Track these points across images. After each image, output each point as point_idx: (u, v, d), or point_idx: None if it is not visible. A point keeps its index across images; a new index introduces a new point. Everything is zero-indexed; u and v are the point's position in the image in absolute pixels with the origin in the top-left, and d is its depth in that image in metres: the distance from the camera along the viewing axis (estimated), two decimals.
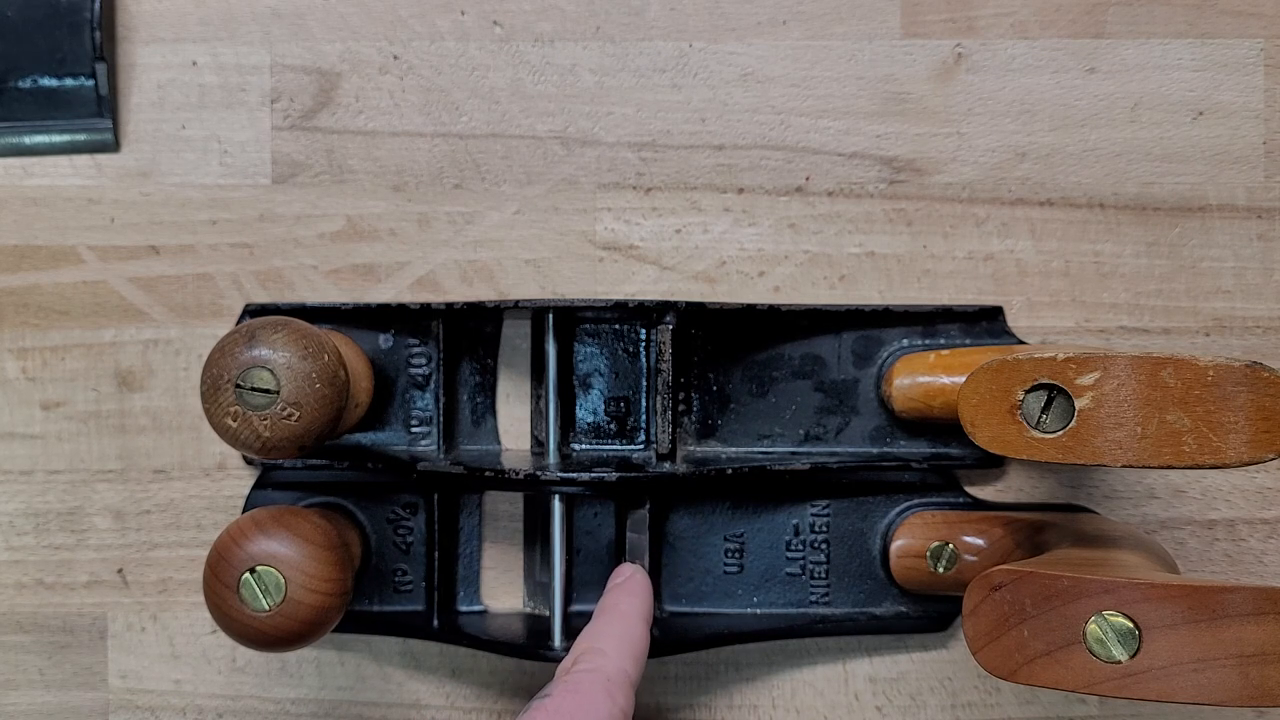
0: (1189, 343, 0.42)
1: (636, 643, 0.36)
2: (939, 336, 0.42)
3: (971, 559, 0.39)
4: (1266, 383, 0.28)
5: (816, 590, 0.42)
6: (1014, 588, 0.29)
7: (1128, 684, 0.27)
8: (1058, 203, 0.42)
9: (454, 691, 0.43)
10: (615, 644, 0.36)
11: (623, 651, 0.35)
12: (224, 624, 0.35)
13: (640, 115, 0.43)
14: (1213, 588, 0.27)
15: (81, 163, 0.44)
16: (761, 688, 0.43)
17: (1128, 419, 0.29)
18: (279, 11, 0.43)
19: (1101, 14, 0.42)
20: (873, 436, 0.42)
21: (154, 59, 0.43)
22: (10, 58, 0.43)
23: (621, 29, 0.43)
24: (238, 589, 0.34)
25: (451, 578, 0.43)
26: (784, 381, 0.42)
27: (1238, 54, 0.42)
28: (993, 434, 0.30)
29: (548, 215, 0.43)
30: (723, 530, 0.42)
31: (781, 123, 0.43)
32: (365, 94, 0.43)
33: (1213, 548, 0.42)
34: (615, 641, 0.36)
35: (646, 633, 0.37)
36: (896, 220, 0.42)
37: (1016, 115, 0.42)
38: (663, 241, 0.43)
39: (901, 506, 0.42)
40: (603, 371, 0.42)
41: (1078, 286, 0.42)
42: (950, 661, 0.42)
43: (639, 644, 0.36)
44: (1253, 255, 0.42)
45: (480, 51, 0.43)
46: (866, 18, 0.42)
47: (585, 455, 0.41)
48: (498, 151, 0.43)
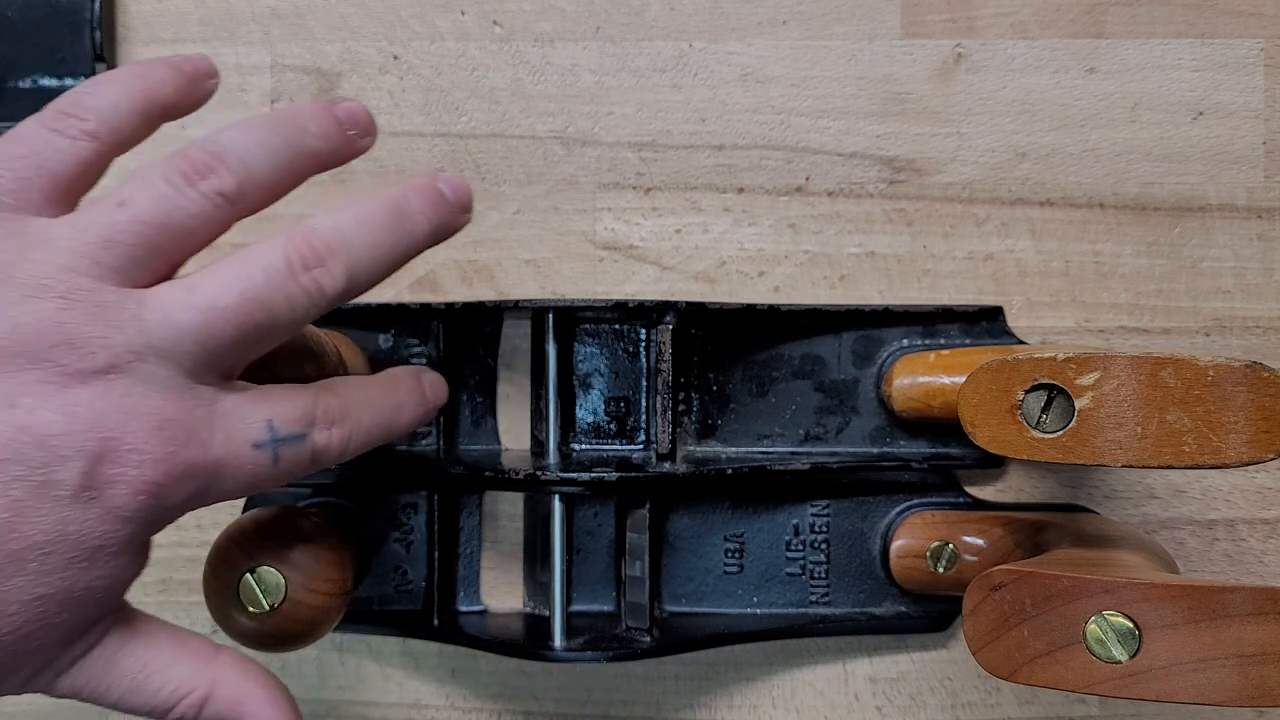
0: (1189, 343, 0.42)
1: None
2: (939, 336, 0.42)
3: (971, 559, 0.39)
4: (1266, 383, 0.28)
5: (816, 590, 0.42)
6: (1014, 588, 0.29)
7: (1128, 684, 0.27)
8: (1058, 203, 0.42)
9: (454, 691, 0.43)
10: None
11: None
12: (224, 624, 0.35)
13: (640, 115, 0.43)
14: (1213, 588, 0.27)
15: None
16: (761, 688, 0.43)
17: (1128, 419, 0.29)
18: (279, 11, 0.43)
19: (1101, 14, 0.42)
20: (873, 436, 0.42)
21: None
22: (10, 58, 0.43)
23: (621, 29, 0.43)
24: (237, 589, 0.34)
25: (451, 578, 0.43)
26: (784, 381, 0.42)
27: (1238, 54, 0.42)
28: (993, 434, 0.30)
29: (548, 215, 0.43)
30: (723, 530, 0.42)
31: (781, 123, 0.43)
32: (365, 94, 0.43)
33: (1213, 548, 0.42)
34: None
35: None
36: (896, 220, 0.42)
37: (1016, 115, 0.42)
38: (663, 241, 0.43)
39: (901, 506, 0.42)
40: (603, 371, 0.42)
41: (1078, 286, 0.42)
42: (950, 661, 0.43)
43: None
44: (1253, 255, 0.42)
45: (480, 51, 0.43)
46: (866, 18, 0.42)
47: (585, 455, 0.41)
48: (498, 151, 0.43)
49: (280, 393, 0.33)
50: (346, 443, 0.34)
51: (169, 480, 0.30)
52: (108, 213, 0.31)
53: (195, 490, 0.31)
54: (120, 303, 0.30)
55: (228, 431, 0.31)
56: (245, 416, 0.32)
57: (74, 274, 0.30)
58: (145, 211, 0.31)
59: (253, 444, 0.32)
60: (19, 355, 0.29)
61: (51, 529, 0.28)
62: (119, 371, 0.30)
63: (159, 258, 0.31)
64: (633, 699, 0.43)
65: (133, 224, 0.31)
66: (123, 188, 0.31)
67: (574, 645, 0.39)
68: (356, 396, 0.35)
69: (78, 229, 0.31)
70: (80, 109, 0.32)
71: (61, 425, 0.29)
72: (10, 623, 0.28)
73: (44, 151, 0.31)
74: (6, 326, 0.29)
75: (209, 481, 0.31)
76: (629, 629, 0.40)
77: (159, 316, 0.30)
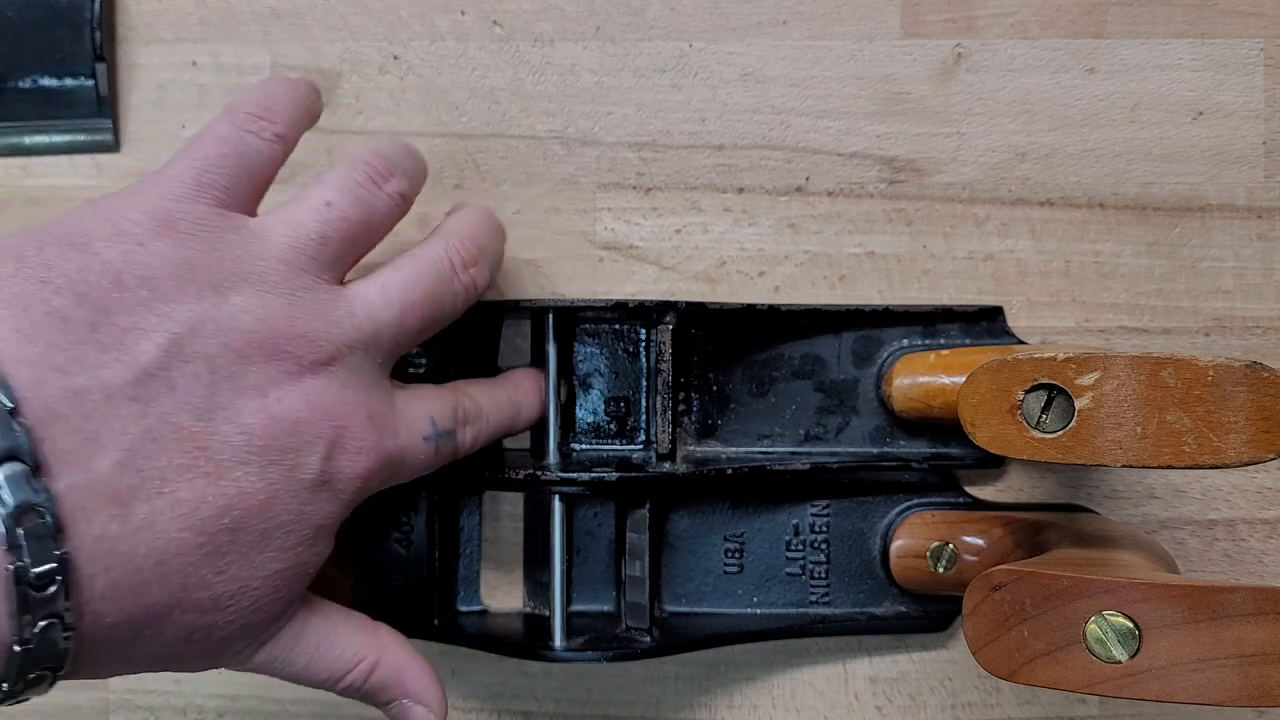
0: (1189, 343, 0.42)
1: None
2: (939, 336, 0.42)
3: (971, 559, 0.39)
4: (1266, 383, 0.28)
5: (816, 590, 0.42)
6: (1014, 588, 0.29)
7: (1128, 684, 0.27)
8: (1058, 203, 0.42)
9: (454, 691, 0.43)
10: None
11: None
12: None
13: (640, 115, 0.43)
14: (1213, 588, 0.27)
15: (81, 163, 0.44)
16: (761, 688, 0.43)
17: (1128, 419, 0.29)
18: (279, 11, 0.43)
19: (1101, 14, 0.42)
20: (873, 436, 0.42)
21: (154, 59, 0.43)
22: (10, 58, 0.43)
23: (621, 29, 0.43)
24: None
25: (451, 578, 0.43)
26: (784, 381, 0.42)
27: (1238, 54, 0.42)
28: (993, 434, 0.30)
29: (548, 215, 0.43)
30: (723, 530, 0.42)
31: (781, 123, 0.43)
32: (365, 94, 0.43)
33: (1213, 548, 0.42)
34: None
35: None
36: (896, 220, 0.42)
37: (1016, 115, 0.42)
38: (663, 241, 0.43)
39: (901, 506, 0.42)
40: (603, 371, 0.42)
41: (1078, 286, 0.42)
42: (950, 661, 0.43)
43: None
44: (1253, 255, 0.42)
45: (480, 51, 0.43)
46: (866, 18, 0.42)
47: (585, 455, 0.41)
48: (498, 151, 0.43)
49: (432, 392, 0.36)
50: (477, 440, 0.38)
51: (377, 468, 0.33)
52: (318, 211, 0.33)
53: (387, 477, 0.34)
54: (334, 298, 0.33)
55: (407, 424, 0.35)
56: (415, 412, 0.35)
57: (296, 270, 0.32)
58: (350, 211, 0.34)
59: (423, 437, 0.35)
60: (261, 348, 0.31)
61: (295, 510, 0.31)
62: (338, 364, 0.32)
63: (354, 254, 0.35)
64: (633, 699, 0.43)
65: (340, 221, 0.34)
66: (316, 190, 0.34)
67: (574, 645, 0.39)
68: (486, 398, 0.38)
69: (292, 226, 0.33)
70: (270, 113, 0.34)
71: (306, 414, 0.31)
72: (252, 596, 0.31)
73: (246, 152, 0.33)
74: (249, 321, 0.31)
75: (395, 470, 0.34)
76: (629, 629, 0.40)
77: (364, 311, 0.33)
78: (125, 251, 0.30)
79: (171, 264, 0.30)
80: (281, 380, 0.31)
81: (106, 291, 0.29)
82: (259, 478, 0.30)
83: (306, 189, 0.34)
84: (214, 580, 0.29)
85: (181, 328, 0.30)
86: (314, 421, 0.31)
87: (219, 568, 0.29)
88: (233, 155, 0.33)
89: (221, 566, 0.30)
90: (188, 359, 0.29)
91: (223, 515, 0.29)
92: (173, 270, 0.30)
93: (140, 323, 0.29)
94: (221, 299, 0.31)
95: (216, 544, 0.29)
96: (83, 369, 0.28)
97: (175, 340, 0.29)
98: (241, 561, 0.30)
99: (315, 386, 0.32)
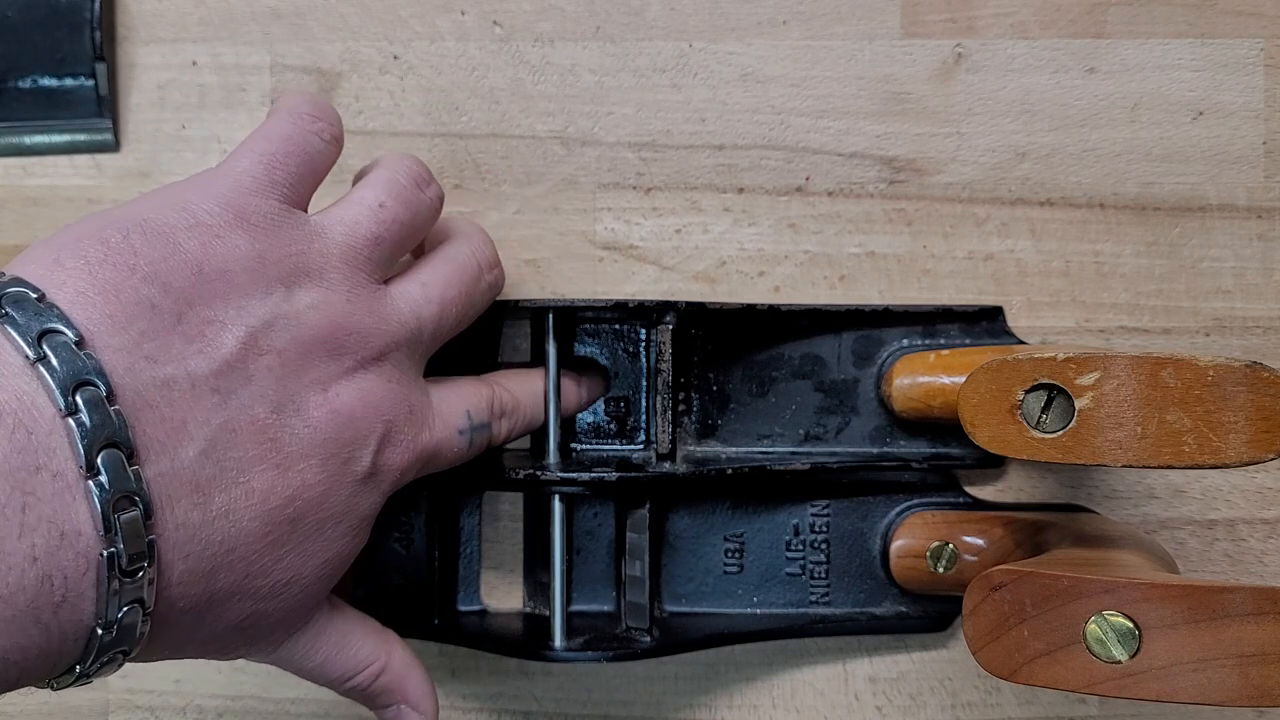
0: (1189, 343, 0.42)
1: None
2: (939, 336, 0.42)
3: (971, 559, 0.39)
4: (1266, 383, 0.28)
5: (816, 590, 0.42)
6: (1014, 588, 0.29)
7: (1128, 684, 0.27)
8: (1058, 203, 0.42)
9: (454, 691, 0.43)
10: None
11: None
12: None
13: (640, 115, 0.43)
14: (1213, 588, 0.27)
15: (81, 163, 0.44)
16: (761, 688, 0.43)
17: (1128, 419, 0.29)
18: (279, 11, 0.43)
19: (1101, 14, 0.42)
20: (873, 436, 0.42)
21: (154, 59, 0.43)
22: (10, 58, 0.43)
23: (621, 29, 0.43)
24: None
25: (451, 578, 0.43)
26: (784, 381, 0.42)
27: (1238, 54, 0.42)
28: (993, 434, 0.30)
29: (548, 215, 0.43)
30: (723, 530, 0.42)
31: (781, 123, 0.43)
32: (365, 94, 0.43)
33: (1213, 548, 0.42)
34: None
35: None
36: (896, 220, 0.42)
37: (1016, 115, 0.42)
38: (663, 241, 0.43)
39: (901, 506, 0.42)
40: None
41: (1078, 286, 0.42)
42: (950, 661, 0.43)
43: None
44: (1253, 255, 0.42)
45: (480, 51, 0.43)
46: (866, 18, 0.42)
47: (585, 455, 0.41)
48: (498, 151, 0.43)
49: (469, 385, 0.37)
50: (512, 432, 0.39)
51: (416, 461, 0.34)
52: (374, 212, 0.34)
53: (422, 469, 0.35)
54: (383, 295, 0.34)
55: (443, 418, 0.35)
56: (451, 405, 0.36)
57: (353, 268, 0.33)
58: (401, 213, 0.35)
59: (458, 430, 0.36)
60: (324, 343, 0.32)
61: (346, 502, 0.32)
62: (386, 360, 0.33)
63: (400, 255, 0.36)
64: (633, 699, 0.43)
65: (394, 224, 0.35)
66: (368, 192, 0.35)
67: (574, 645, 0.39)
68: (521, 390, 0.39)
69: (348, 225, 0.34)
70: (328, 116, 0.35)
71: (361, 409, 0.32)
72: (300, 585, 0.31)
73: (309, 150, 0.34)
74: (314, 317, 0.32)
75: (430, 461, 0.35)
76: (629, 629, 0.40)
77: (408, 309, 0.34)
78: (204, 243, 0.30)
79: (246, 257, 0.31)
80: (340, 376, 0.32)
81: (190, 282, 0.29)
82: (320, 470, 0.31)
83: (355, 190, 0.35)
84: (273, 568, 0.30)
85: (257, 321, 0.30)
86: (368, 417, 0.32)
87: (279, 556, 0.30)
88: (298, 154, 0.34)
89: (281, 555, 0.30)
90: (262, 352, 0.30)
91: (287, 506, 0.30)
92: (246, 263, 0.31)
93: (220, 315, 0.30)
94: (290, 293, 0.31)
95: (280, 534, 0.30)
96: (170, 358, 0.28)
97: (252, 333, 0.30)
98: (298, 550, 0.31)
99: (367, 382, 0.32)
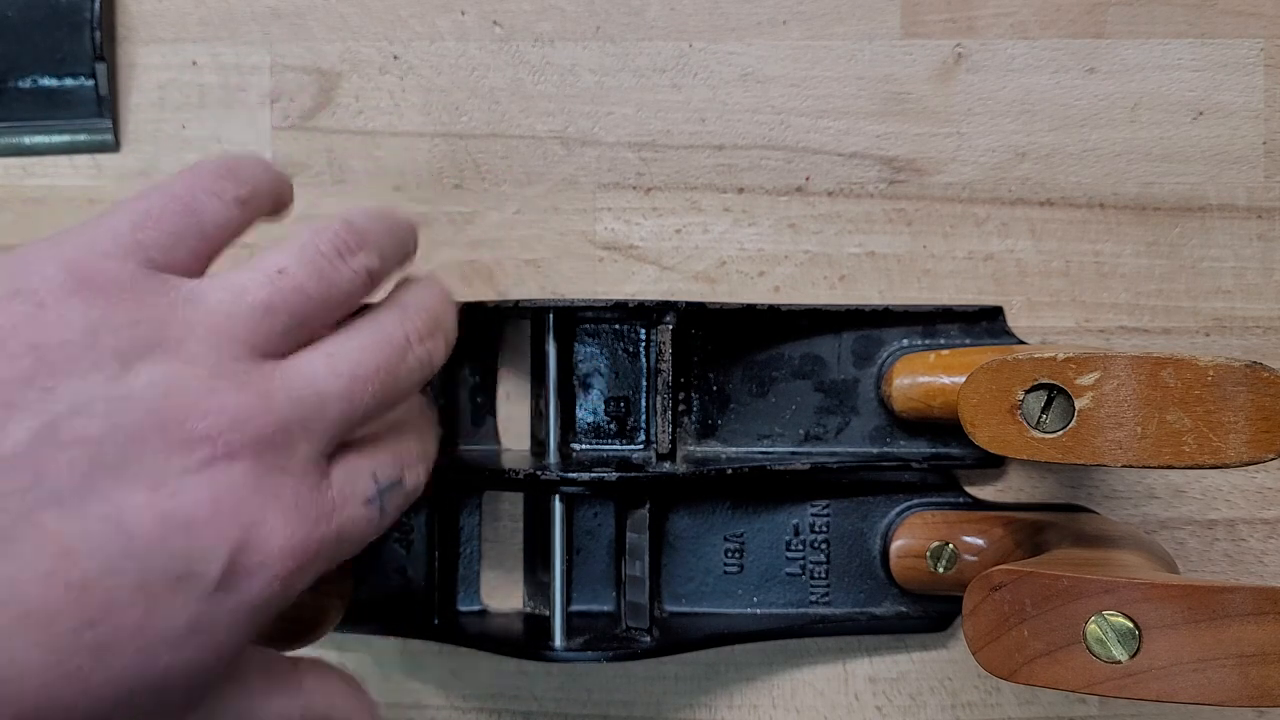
0: (1189, 343, 0.42)
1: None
2: (939, 336, 0.42)
3: (971, 559, 0.39)
4: (1266, 383, 0.28)
5: (816, 590, 0.42)
6: (1014, 588, 0.29)
7: (1128, 684, 0.27)
8: (1058, 203, 0.42)
9: (454, 691, 0.43)
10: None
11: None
12: None
13: (640, 115, 0.43)
14: (1213, 588, 0.27)
15: (81, 163, 0.44)
16: (761, 688, 0.43)
17: (1128, 419, 0.29)
18: (279, 11, 0.43)
19: (1101, 14, 0.42)
20: (873, 436, 0.42)
21: (154, 59, 0.43)
22: (10, 58, 0.43)
23: (621, 29, 0.43)
24: None
25: (451, 578, 0.43)
26: (784, 381, 0.42)
27: (1238, 54, 0.42)
28: (993, 434, 0.30)
29: (548, 215, 0.43)
30: (723, 530, 0.42)
31: (781, 123, 0.43)
32: (365, 94, 0.43)
33: (1213, 548, 0.42)
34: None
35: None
36: (896, 220, 0.42)
37: (1016, 115, 0.42)
38: (663, 241, 0.43)
39: (901, 506, 0.42)
40: (603, 371, 0.42)
41: (1078, 286, 0.42)
42: (950, 661, 0.43)
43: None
44: (1253, 255, 0.42)
45: (480, 51, 0.43)
46: (866, 18, 0.42)
47: (585, 455, 0.41)
48: (498, 151, 0.43)
49: (369, 445, 0.32)
50: (426, 476, 0.34)
51: (301, 564, 0.28)
52: (268, 278, 0.30)
53: (321, 567, 0.30)
54: (268, 372, 0.29)
55: (345, 497, 0.30)
56: (354, 478, 0.31)
57: (228, 339, 0.28)
58: (306, 282, 0.30)
59: (365, 501, 0.31)
60: (163, 429, 0.26)
61: (190, 624, 0.26)
62: (266, 447, 0.28)
63: (306, 329, 0.30)
64: (633, 699, 0.43)
65: (293, 293, 0.30)
66: (271, 255, 0.30)
67: (574, 645, 0.39)
68: (417, 428, 0.35)
69: (234, 290, 0.29)
70: (239, 177, 0.31)
71: (207, 512, 0.27)
72: (124, 713, 0.26)
73: (197, 209, 0.30)
74: (153, 397, 0.26)
75: (333, 553, 0.30)
76: (629, 629, 0.40)
77: (305, 385, 0.29)
78: (19, 314, 0.26)
79: (71, 329, 0.26)
80: (185, 470, 0.26)
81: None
82: (135, 589, 0.25)
83: (261, 253, 0.31)
84: (79, 703, 0.25)
85: (64, 406, 0.25)
86: (218, 522, 0.26)
87: (86, 689, 0.25)
88: (180, 212, 0.30)
89: (90, 689, 0.25)
90: (63, 444, 0.25)
91: (83, 631, 0.25)
92: (69, 336, 0.26)
93: (18, 399, 0.25)
94: (124, 370, 0.26)
95: (81, 665, 0.25)
96: None
97: (51, 422, 0.25)
98: (115, 683, 0.25)
99: (227, 477, 0.27)
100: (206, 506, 0.26)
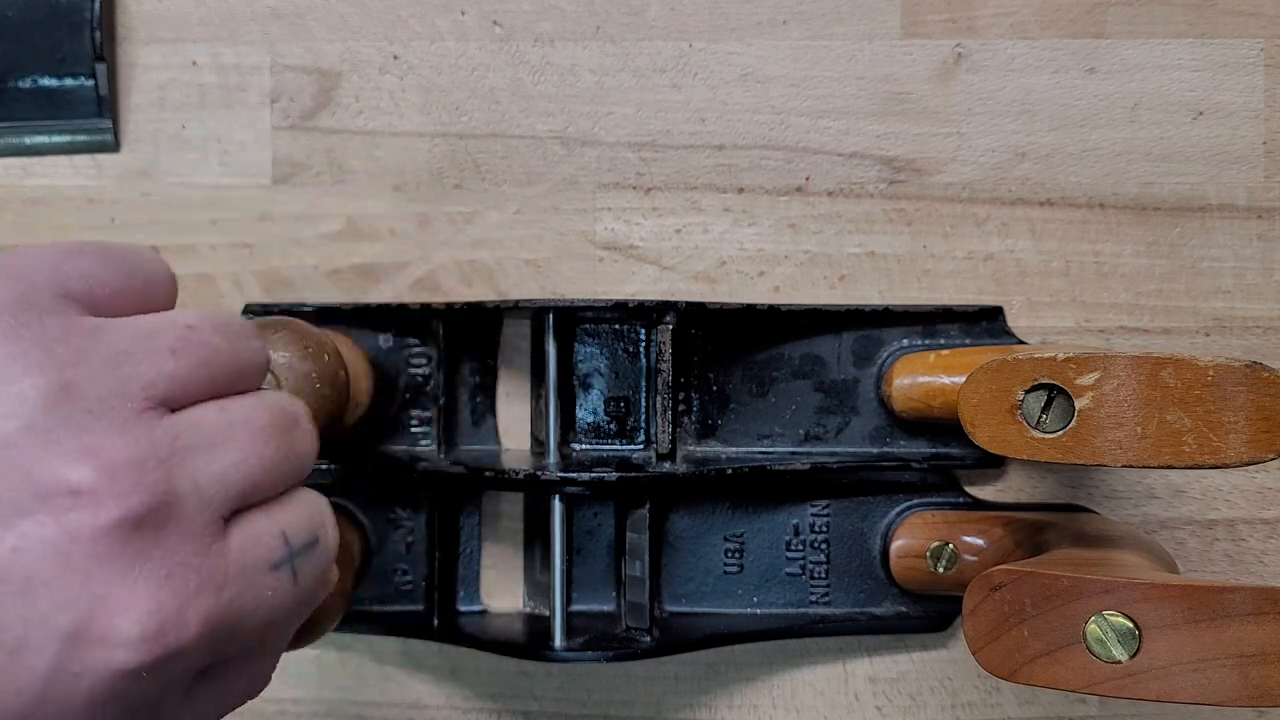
0: (1189, 343, 0.42)
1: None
2: (939, 336, 0.42)
3: (971, 559, 0.39)
4: (1266, 383, 0.28)
5: (816, 590, 0.42)
6: (1014, 588, 0.29)
7: (1128, 684, 0.27)
8: (1058, 203, 0.42)
9: (454, 691, 0.43)
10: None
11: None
12: None
13: (640, 115, 0.43)
14: (1213, 588, 0.27)
15: (81, 163, 0.44)
16: (761, 688, 0.43)
17: (1128, 419, 0.29)
18: (279, 11, 0.43)
19: (1101, 14, 0.42)
20: (873, 436, 0.42)
21: (154, 59, 0.43)
22: (10, 58, 0.43)
23: (621, 29, 0.43)
24: None
25: (451, 578, 0.43)
26: (784, 381, 0.42)
27: (1238, 54, 0.42)
28: (993, 434, 0.30)
29: (548, 215, 0.43)
30: (723, 530, 0.42)
31: (781, 123, 0.43)
32: (365, 94, 0.43)
33: (1213, 548, 0.42)
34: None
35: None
36: (896, 220, 0.42)
37: (1016, 115, 0.42)
38: (663, 241, 0.43)
39: (901, 506, 0.42)
40: (603, 371, 0.42)
41: (1078, 286, 0.42)
42: (950, 661, 0.43)
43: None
44: (1253, 255, 0.42)
45: (480, 51, 0.43)
46: (866, 18, 0.42)
47: (585, 455, 0.41)
48: (498, 151, 0.43)
49: (279, 501, 0.28)
50: (335, 542, 0.29)
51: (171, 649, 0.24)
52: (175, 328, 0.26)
53: (212, 653, 0.25)
54: (157, 420, 0.25)
55: (245, 561, 0.26)
56: (261, 534, 0.26)
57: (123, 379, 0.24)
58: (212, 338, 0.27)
59: (271, 566, 0.26)
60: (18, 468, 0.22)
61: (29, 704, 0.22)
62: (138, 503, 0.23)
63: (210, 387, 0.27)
64: (633, 699, 0.43)
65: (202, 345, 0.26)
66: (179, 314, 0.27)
67: (574, 645, 0.39)
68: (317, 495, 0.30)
69: (144, 334, 0.25)
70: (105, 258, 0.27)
71: (52, 571, 0.22)
72: None
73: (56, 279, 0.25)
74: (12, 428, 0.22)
75: (229, 635, 0.25)
76: (629, 629, 0.40)
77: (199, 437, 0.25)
78: None
79: None
80: (36, 520, 0.22)
81: None
82: None
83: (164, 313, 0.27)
84: None
85: None
86: (60, 585, 0.22)
87: None
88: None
89: None
90: None
91: None
92: None
93: None
94: None
95: None
96: None
97: None
98: None
99: (88, 534, 0.22)
100: (51, 566, 0.22)
